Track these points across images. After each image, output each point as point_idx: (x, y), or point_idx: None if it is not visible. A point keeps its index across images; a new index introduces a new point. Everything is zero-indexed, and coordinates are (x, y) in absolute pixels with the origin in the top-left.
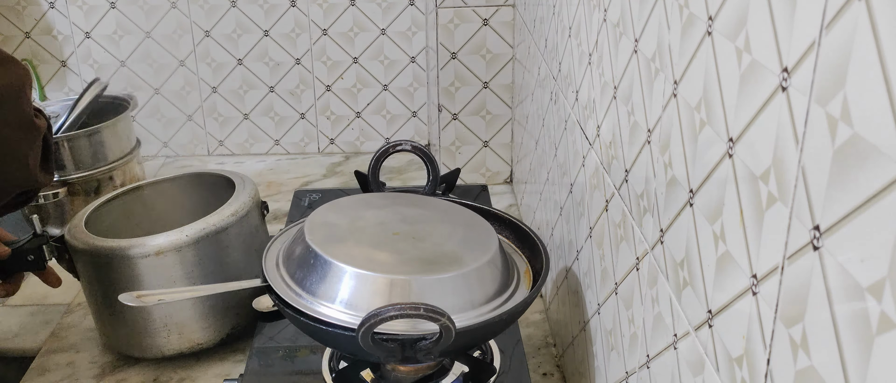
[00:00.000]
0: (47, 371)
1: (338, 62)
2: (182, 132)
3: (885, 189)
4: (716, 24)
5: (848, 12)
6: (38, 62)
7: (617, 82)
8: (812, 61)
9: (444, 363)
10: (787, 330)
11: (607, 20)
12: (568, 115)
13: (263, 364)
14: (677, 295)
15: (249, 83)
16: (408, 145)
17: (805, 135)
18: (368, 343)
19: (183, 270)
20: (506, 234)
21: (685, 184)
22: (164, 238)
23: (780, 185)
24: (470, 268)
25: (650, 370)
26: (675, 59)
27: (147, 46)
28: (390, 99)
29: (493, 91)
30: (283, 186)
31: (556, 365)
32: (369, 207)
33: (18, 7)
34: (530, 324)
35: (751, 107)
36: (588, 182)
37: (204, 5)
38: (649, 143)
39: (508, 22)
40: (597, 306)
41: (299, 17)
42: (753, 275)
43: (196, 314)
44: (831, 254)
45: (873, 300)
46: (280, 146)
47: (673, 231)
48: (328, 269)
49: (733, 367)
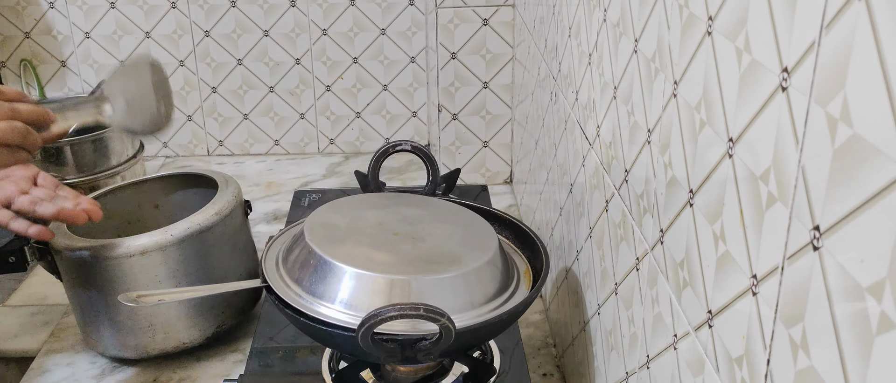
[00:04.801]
0: (47, 371)
1: (338, 62)
2: (182, 132)
3: (885, 189)
4: (716, 24)
5: (848, 12)
6: (38, 62)
7: (617, 82)
8: (812, 61)
9: (444, 363)
10: (787, 331)
11: (607, 20)
12: (568, 115)
13: (263, 364)
14: (677, 295)
15: (249, 83)
16: (408, 145)
17: (805, 135)
18: (368, 343)
19: (167, 270)
20: (506, 234)
21: (685, 185)
22: (149, 238)
23: (780, 185)
24: (470, 268)
25: (650, 370)
26: (675, 59)
27: (147, 46)
28: (390, 99)
29: (492, 91)
30: (282, 186)
31: (556, 365)
32: (369, 207)
33: (18, 7)
34: (530, 324)
35: (751, 107)
36: (588, 182)
37: (204, 5)
38: (649, 143)
39: (508, 22)
40: (597, 306)
41: (299, 17)
42: (753, 275)
43: (181, 313)
44: (831, 254)
45: (873, 300)
46: (280, 146)
47: (673, 231)
48: (328, 269)
49: (733, 367)
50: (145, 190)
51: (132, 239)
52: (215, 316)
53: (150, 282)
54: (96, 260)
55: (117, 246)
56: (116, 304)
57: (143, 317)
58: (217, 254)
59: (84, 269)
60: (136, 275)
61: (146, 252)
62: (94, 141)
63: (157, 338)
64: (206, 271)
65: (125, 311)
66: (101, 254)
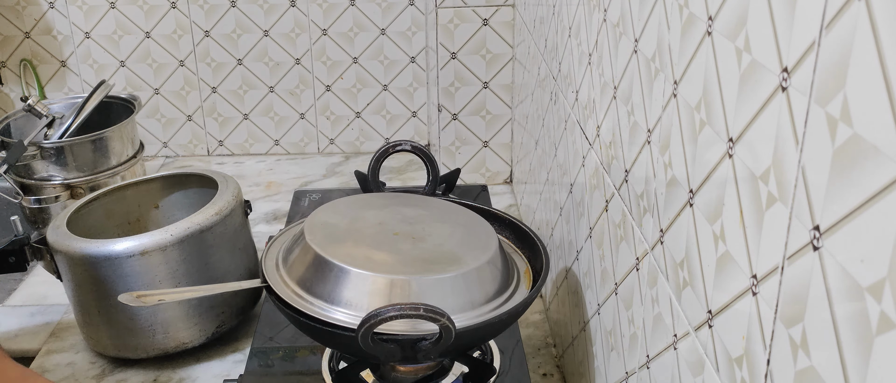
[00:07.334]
0: (47, 371)
1: (338, 62)
2: (182, 132)
3: (885, 189)
4: (716, 24)
5: (848, 12)
6: (38, 62)
7: (617, 82)
8: (812, 61)
9: (444, 363)
10: (787, 331)
11: (607, 20)
12: (568, 115)
13: (263, 364)
14: (677, 295)
15: (249, 83)
16: (408, 145)
17: (805, 135)
18: (368, 343)
19: (167, 270)
20: (506, 234)
21: (685, 185)
22: (149, 238)
23: (780, 185)
24: (470, 268)
25: (650, 370)
26: (675, 59)
27: (147, 46)
28: (390, 99)
29: (492, 91)
30: (282, 186)
31: (556, 365)
32: (369, 207)
33: (18, 7)
34: (530, 324)
35: (751, 107)
36: (588, 182)
37: (204, 5)
38: (649, 143)
39: (508, 22)
40: (597, 306)
41: (299, 17)
42: (753, 275)
43: (181, 313)
44: (831, 254)
45: (873, 300)
46: (280, 146)
47: (673, 231)
48: (328, 269)
49: (733, 367)
50: (145, 190)
51: (132, 239)
52: (215, 316)
53: (150, 282)
54: (96, 260)
55: (117, 246)
56: (116, 304)
57: (143, 317)
58: (217, 254)
59: (84, 269)
60: (136, 275)
61: (146, 252)
62: (94, 141)
63: (157, 338)
64: (206, 271)
65: (125, 311)
66: (101, 254)
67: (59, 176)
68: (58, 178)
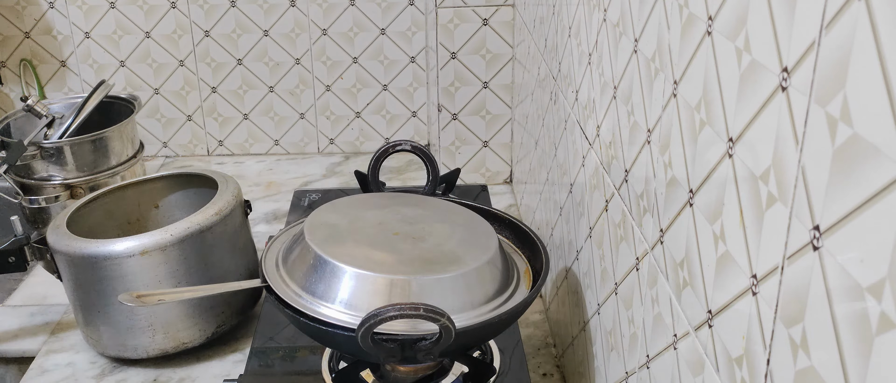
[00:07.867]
0: (47, 371)
1: (337, 62)
2: (182, 132)
3: (885, 189)
4: (716, 24)
5: (848, 12)
6: (37, 62)
7: (617, 82)
8: (812, 61)
9: (443, 363)
10: (787, 331)
11: (607, 20)
12: (568, 115)
13: (263, 364)
14: (677, 295)
15: (249, 83)
16: (408, 145)
17: (805, 135)
18: (368, 343)
19: (167, 269)
20: (506, 234)
21: (685, 184)
22: (149, 237)
23: (780, 185)
24: (470, 268)
25: (650, 370)
26: (674, 59)
27: (147, 46)
28: (390, 99)
29: (492, 91)
30: (282, 186)
31: (556, 365)
32: (369, 207)
33: (18, 7)
34: (530, 324)
35: (751, 107)
36: (588, 182)
37: (204, 5)
38: (649, 143)
39: (508, 22)
40: (597, 306)
41: (299, 17)
42: (753, 275)
43: (181, 313)
44: (831, 254)
45: (873, 300)
46: (280, 146)
47: (673, 231)
48: (328, 269)
49: (733, 367)
50: (145, 190)
51: (132, 239)
52: (215, 316)
53: (150, 282)
54: (96, 260)
55: (117, 246)
56: (116, 304)
57: (143, 317)
58: (217, 254)
59: (84, 269)
60: (136, 275)
61: (146, 252)
62: (94, 141)
63: (157, 338)
64: (206, 271)
65: (125, 311)
66: (101, 254)
67: (58, 176)
68: (58, 178)
